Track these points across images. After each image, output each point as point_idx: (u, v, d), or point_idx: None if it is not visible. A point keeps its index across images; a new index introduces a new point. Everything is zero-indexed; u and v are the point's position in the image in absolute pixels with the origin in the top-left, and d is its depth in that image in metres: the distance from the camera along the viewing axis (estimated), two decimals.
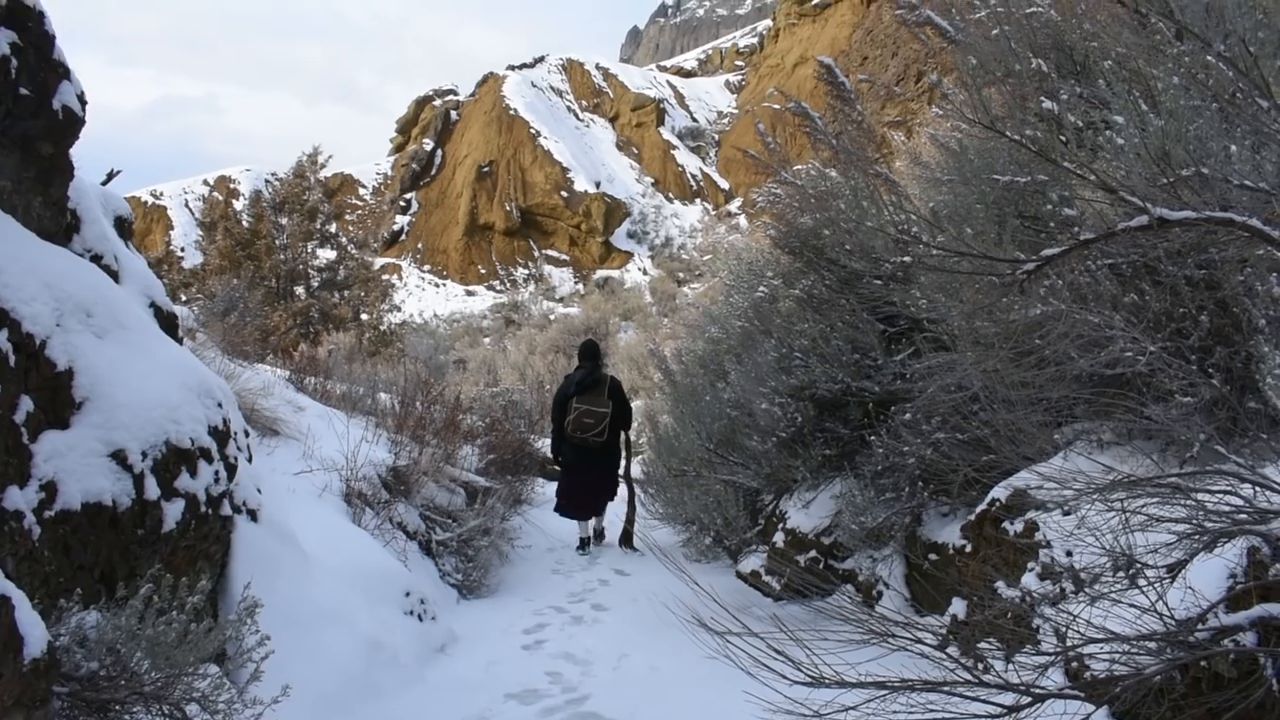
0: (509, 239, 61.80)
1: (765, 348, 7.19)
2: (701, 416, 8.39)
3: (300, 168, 23.69)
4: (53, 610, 3.10)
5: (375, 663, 5.02)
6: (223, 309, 13.92)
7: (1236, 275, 3.57)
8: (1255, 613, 2.41)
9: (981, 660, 3.11)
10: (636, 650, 5.84)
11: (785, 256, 7.70)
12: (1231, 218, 2.54)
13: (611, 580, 7.94)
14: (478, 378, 26.22)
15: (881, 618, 2.68)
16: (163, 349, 4.28)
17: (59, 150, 4.11)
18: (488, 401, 16.21)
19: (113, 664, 3.07)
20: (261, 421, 7.06)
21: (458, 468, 8.75)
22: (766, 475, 7.23)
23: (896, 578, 5.70)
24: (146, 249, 38.98)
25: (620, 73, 74.97)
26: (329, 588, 5.09)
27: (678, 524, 8.74)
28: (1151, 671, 2.40)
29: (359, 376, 11.54)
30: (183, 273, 24.70)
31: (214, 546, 4.25)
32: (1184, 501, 2.54)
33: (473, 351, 36.27)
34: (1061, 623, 2.80)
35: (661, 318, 42.22)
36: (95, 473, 3.48)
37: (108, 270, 4.47)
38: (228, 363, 8.22)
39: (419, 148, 70.35)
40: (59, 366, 3.50)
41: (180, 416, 3.98)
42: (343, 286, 23.02)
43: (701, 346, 10.58)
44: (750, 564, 6.99)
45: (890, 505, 5.78)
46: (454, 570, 7.39)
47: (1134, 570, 2.65)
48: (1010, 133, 3.63)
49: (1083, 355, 3.70)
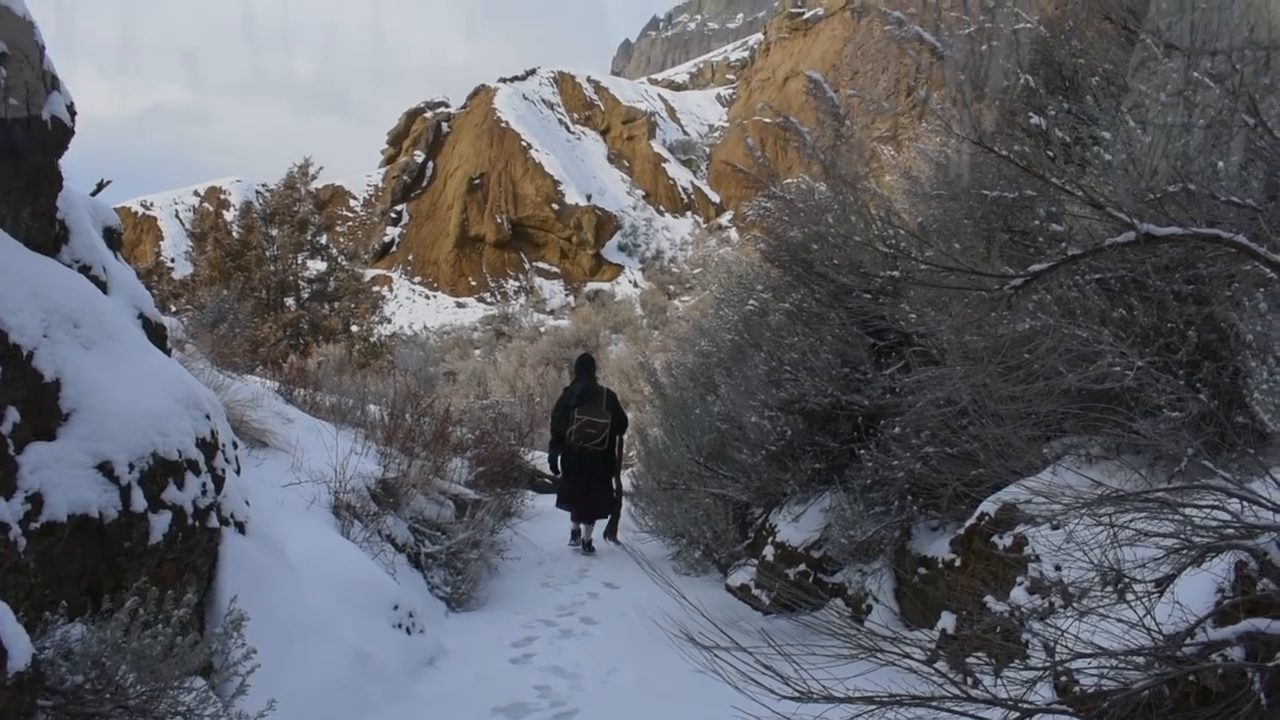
0: (500, 251, 61.78)
1: (755, 361, 7.20)
2: (691, 429, 8.39)
3: (291, 179, 23.63)
4: (38, 623, 3.07)
5: (363, 676, 4.99)
6: (212, 320, 13.86)
7: (1224, 290, 3.59)
8: (1243, 627, 2.42)
9: (970, 675, 3.12)
10: (625, 664, 5.83)
11: (775, 270, 7.73)
12: (1218, 233, 2.55)
13: (601, 594, 7.92)
14: (468, 390, 26.15)
15: (870, 632, 2.68)
16: (151, 360, 4.26)
17: (48, 160, 4.10)
18: (477, 414, 16.17)
19: (97, 677, 3.04)
20: (250, 433, 7.03)
21: (447, 480, 8.72)
22: (756, 488, 7.23)
23: (886, 592, 5.70)
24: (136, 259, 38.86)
25: (611, 85, 75.13)
26: (317, 600, 5.07)
27: (667, 537, 8.73)
28: (1140, 686, 2.40)
29: (348, 388, 11.51)
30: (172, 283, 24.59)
31: (201, 559, 4.22)
32: (1172, 516, 2.54)
33: (463, 364, 36.25)
34: (1050, 637, 2.80)
35: (652, 330, 42.26)
36: (82, 484, 3.45)
37: (96, 281, 4.45)
38: (217, 374, 8.18)
39: (410, 159, 70.34)
40: (46, 377, 3.49)
41: (168, 428, 3.96)
42: (333, 298, 22.95)
43: (691, 359, 10.59)
44: (740, 577, 6.98)
45: (879, 519, 5.79)
46: (443, 583, 7.36)
47: (1122, 585, 2.65)
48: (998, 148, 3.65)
49: (1071, 370, 3.71)
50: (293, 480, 6.70)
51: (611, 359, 31.53)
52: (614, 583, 8.30)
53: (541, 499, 11.95)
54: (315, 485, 6.77)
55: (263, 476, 6.42)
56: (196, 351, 9.13)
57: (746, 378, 7.23)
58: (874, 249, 5.86)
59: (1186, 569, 2.60)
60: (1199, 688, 2.52)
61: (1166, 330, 3.72)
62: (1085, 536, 2.75)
